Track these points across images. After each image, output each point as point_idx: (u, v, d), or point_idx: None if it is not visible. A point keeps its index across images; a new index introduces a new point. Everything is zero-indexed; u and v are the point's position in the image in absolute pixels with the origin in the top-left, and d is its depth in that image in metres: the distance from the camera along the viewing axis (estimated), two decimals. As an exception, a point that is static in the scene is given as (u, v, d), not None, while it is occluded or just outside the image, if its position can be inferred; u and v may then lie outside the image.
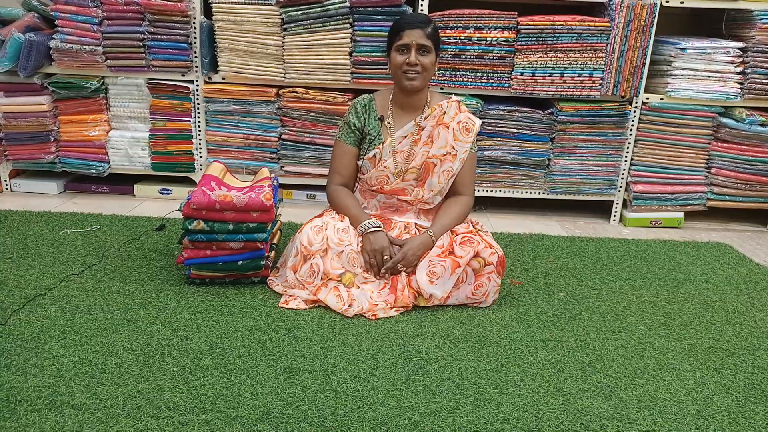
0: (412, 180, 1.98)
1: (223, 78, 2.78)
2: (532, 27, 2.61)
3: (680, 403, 1.45)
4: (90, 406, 1.31)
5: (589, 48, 2.64)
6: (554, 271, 2.22)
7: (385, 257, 1.85)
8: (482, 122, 2.75)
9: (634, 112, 2.77)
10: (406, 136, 1.96)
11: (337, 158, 2.02)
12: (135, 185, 2.94)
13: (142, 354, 1.53)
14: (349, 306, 1.80)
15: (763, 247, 2.67)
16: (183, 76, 2.77)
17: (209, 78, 2.79)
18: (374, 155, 1.96)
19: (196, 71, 2.77)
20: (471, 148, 1.99)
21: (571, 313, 1.89)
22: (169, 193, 2.94)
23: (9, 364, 1.45)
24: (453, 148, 1.95)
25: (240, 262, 1.89)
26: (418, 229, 1.98)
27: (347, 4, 2.59)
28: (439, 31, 2.55)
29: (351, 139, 1.99)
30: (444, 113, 1.96)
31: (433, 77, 2.69)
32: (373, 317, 1.78)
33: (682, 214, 2.90)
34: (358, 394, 1.41)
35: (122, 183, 2.95)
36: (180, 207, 1.86)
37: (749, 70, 2.70)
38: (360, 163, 2.00)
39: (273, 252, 2.05)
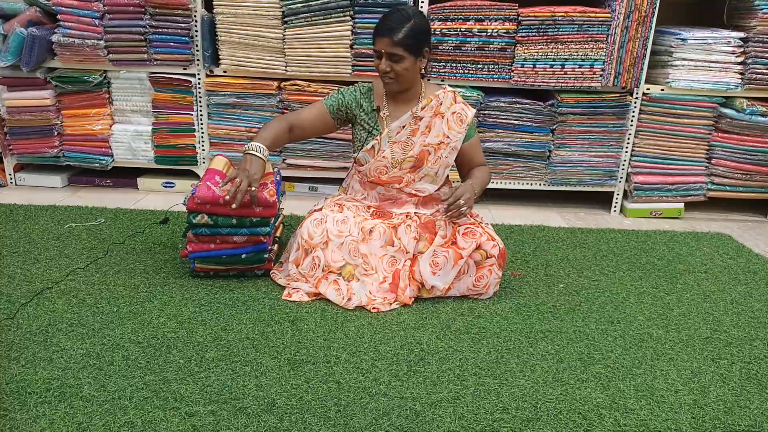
0: (408, 168, 1.99)
1: (225, 71, 2.79)
2: (533, 18, 2.61)
3: (677, 393, 1.47)
4: (98, 397, 1.34)
5: (589, 39, 2.64)
6: (554, 263, 2.24)
7: (252, 189, 1.78)
8: (483, 114, 2.77)
9: (635, 103, 2.77)
10: (404, 127, 1.97)
11: (306, 108, 2.01)
12: (138, 179, 2.96)
13: (149, 346, 1.56)
14: (348, 299, 1.82)
15: (763, 237, 2.69)
16: (185, 69, 2.78)
17: (211, 71, 2.80)
18: (372, 146, 1.98)
19: (198, 65, 2.77)
20: (471, 135, 2.01)
21: (571, 304, 1.92)
22: (173, 186, 2.96)
23: (18, 356, 1.48)
24: (446, 137, 1.97)
25: (243, 256, 1.91)
26: (418, 217, 1.99)
27: (348, -4, 2.59)
28: (433, 24, 2.54)
29: (330, 103, 1.98)
30: (440, 103, 1.97)
31: (433, 70, 2.72)
32: (375, 310, 1.81)
33: (683, 204, 2.91)
34: (361, 385, 1.43)
35: (126, 176, 2.97)
36: (184, 201, 1.88)
37: (750, 60, 2.70)
38: (358, 155, 2.01)
39: (276, 245, 2.07)
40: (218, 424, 1.28)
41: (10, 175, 2.94)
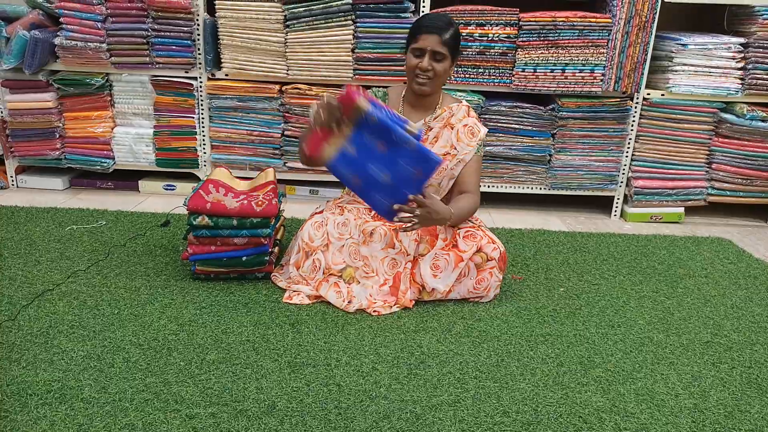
0: None
1: (227, 75, 2.80)
2: (534, 23, 2.62)
3: (677, 397, 1.47)
4: (99, 399, 1.34)
5: (590, 44, 2.65)
6: (555, 267, 2.24)
7: (333, 103, 1.61)
8: (484, 118, 2.77)
9: (635, 107, 2.78)
10: None
11: None
12: (140, 181, 2.97)
13: (149, 348, 1.56)
14: (349, 302, 1.83)
15: (763, 242, 2.69)
16: (186, 72, 2.79)
17: (212, 75, 2.81)
18: None
19: (200, 68, 2.78)
20: (477, 152, 1.98)
21: (571, 308, 1.92)
22: (174, 189, 2.96)
23: (19, 358, 1.48)
24: (453, 147, 1.96)
25: (244, 258, 1.92)
26: None
27: (349, 0, 2.60)
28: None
29: None
30: (452, 115, 1.97)
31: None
32: (375, 313, 1.81)
33: (683, 209, 2.92)
34: (361, 387, 1.44)
35: (127, 179, 2.98)
36: (184, 202, 1.89)
37: (750, 66, 2.70)
38: None
39: (277, 248, 2.08)
40: (218, 426, 1.28)
41: (11, 177, 2.94)
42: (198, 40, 2.73)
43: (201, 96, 2.82)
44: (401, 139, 1.58)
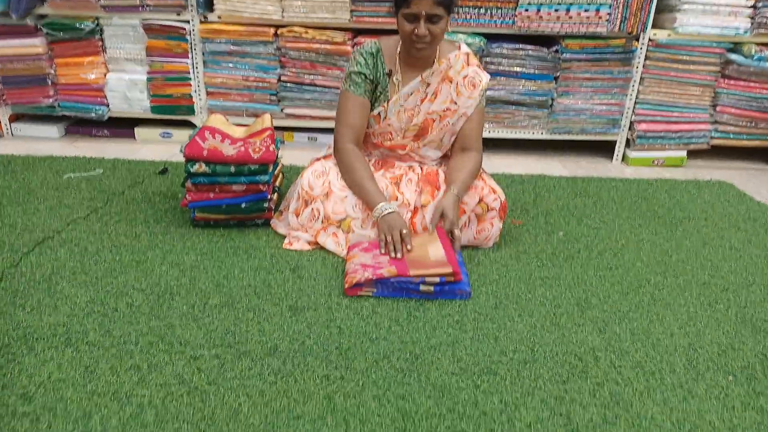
0: (412, 136, 1.95)
1: (219, 17, 2.71)
2: (538, -41, 2.52)
3: (672, 336, 1.50)
4: (104, 342, 1.37)
5: (596, -19, 2.55)
6: (554, 211, 2.24)
7: (404, 232, 1.72)
8: (485, 61, 2.71)
9: (641, 49, 2.71)
10: (412, 93, 1.88)
11: (348, 111, 1.86)
12: (135, 129, 2.93)
13: (152, 293, 1.57)
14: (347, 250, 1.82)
15: (764, 185, 2.68)
16: (178, 15, 2.70)
17: (205, 17, 2.72)
18: (379, 113, 1.91)
19: (191, 10, 2.70)
20: (478, 104, 1.91)
21: (570, 251, 1.93)
22: (170, 137, 2.93)
23: (24, 303, 1.50)
24: (454, 102, 1.88)
25: (243, 205, 1.91)
26: (421, 168, 1.97)
27: (345, -64, 2.49)
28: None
29: (361, 90, 1.86)
30: (450, 67, 1.87)
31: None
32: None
33: (685, 152, 2.89)
34: (361, 329, 1.46)
35: (123, 127, 2.94)
36: (181, 149, 1.87)
37: (761, 4, 2.61)
38: None
39: (275, 194, 2.07)
40: (223, 366, 1.31)
41: (6, 125, 2.91)
42: (189, -20, 2.63)
43: (194, 40, 2.75)
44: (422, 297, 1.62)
